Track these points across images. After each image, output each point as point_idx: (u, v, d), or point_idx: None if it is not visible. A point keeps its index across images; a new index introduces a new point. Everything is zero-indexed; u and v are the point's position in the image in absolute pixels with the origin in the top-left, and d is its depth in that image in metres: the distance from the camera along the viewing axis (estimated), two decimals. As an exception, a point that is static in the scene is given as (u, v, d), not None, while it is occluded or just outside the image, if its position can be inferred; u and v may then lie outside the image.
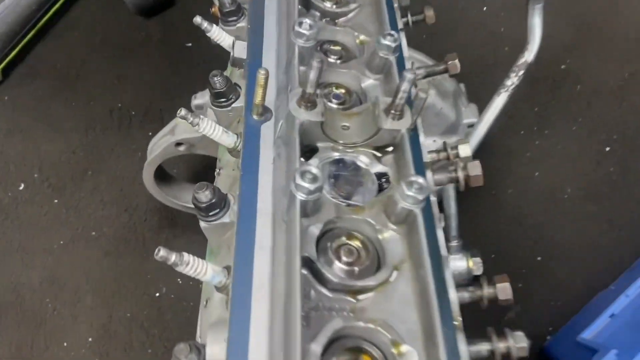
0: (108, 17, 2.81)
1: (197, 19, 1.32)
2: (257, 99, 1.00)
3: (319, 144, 0.96)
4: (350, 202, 0.90)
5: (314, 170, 0.80)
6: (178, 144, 1.98)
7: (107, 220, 2.35)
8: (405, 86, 0.89)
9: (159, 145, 2.03)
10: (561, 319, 2.09)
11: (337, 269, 0.84)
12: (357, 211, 0.89)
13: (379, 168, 0.95)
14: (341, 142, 0.95)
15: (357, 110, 0.99)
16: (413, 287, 0.82)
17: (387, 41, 1.03)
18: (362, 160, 0.95)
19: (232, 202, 1.09)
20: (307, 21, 1.00)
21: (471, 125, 1.95)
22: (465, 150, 1.25)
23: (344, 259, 0.85)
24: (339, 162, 0.94)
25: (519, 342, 0.86)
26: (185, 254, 1.00)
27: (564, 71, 2.55)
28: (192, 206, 1.19)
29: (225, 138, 1.20)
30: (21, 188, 2.43)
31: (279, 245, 0.86)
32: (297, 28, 1.00)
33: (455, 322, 0.89)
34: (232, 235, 1.08)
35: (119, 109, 2.55)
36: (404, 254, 0.85)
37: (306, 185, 0.79)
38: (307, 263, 0.82)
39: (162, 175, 2.17)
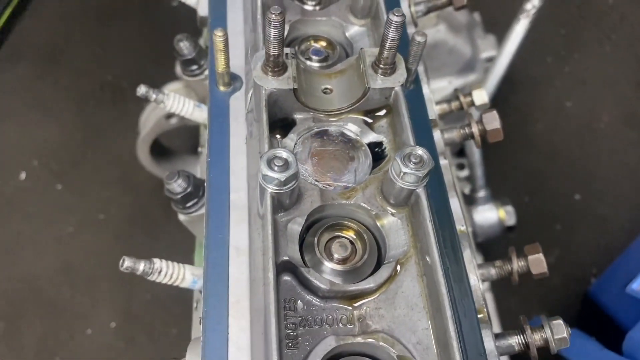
0: (85, -18, 2.62)
1: None
2: (220, 66, 0.82)
3: (297, 115, 0.78)
4: (339, 183, 0.73)
5: (284, 155, 0.63)
6: (169, 116, 1.83)
7: (113, 201, 2.26)
8: (392, 33, 0.70)
9: (150, 120, 1.88)
10: (606, 259, 1.94)
11: (327, 270, 0.68)
12: (348, 194, 0.72)
13: (371, 137, 0.77)
14: (323, 109, 0.77)
15: (338, 68, 0.80)
16: (421, 285, 0.65)
17: (369, -25, 0.83)
18: (351, 129, 0.77)
19: (213, 187, 0.93)
20: (268, -38, 0.81)
21: (490, 60, 1.73)
22: (481, 96, 1.05)
23: (336, 255, 0.69)
24: (322, 134, 0.77)
25: (557, 332, 0.70)
26: (157, 261, 0.86)
27: (591, -18, 2.28)
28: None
29: (198, 114, 1.04)
30: (22, 177, 2.34)
31: (258, 246, 0.70)
32: (256, -28, 0.81)
33: (480, 315, 0.73)
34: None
35: (109, 82, 2.40)
36: (408, 243, 0.68)
37: (276, 175, 0.63)
38: (290, 268, 0.67)
39: (160, 150, 2.03)
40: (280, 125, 0.78)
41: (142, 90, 0.97)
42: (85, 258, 2.19)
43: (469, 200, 1.75)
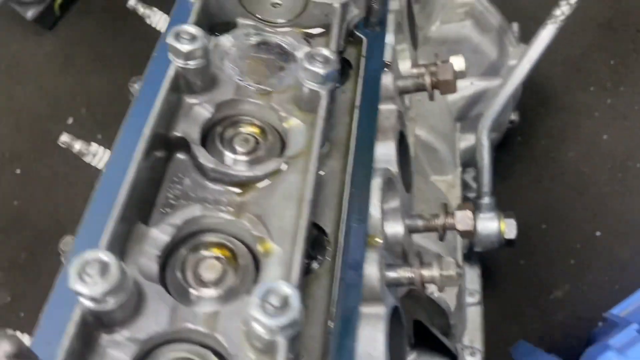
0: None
1: None
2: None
3: (240, 20, 0.81)
4: (258, 86, 0.75)
5: (192, 30, 0.66)
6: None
7: (143, 157, 2.36)
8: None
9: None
10: (617, 304, 1.82)
11: (228, 160, 0.70)
12: (263, 96, 0.74)
13: (305, 50, 0.78)
14: (264, 19, 0.80)
15: (293, -13, 0.83)
16: (302, 182, 0.66)
17: None
18: (287, 42, 0.79)
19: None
20: None
21: (518, 68, 1.69)
22: (459, 64, 1.04)
23: (239, 148, 0.70)
24: (259, 42, 0.79)
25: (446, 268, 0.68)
26: (94, 145, 0.92)
27: (651, 19, 2.18)
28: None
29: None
30: (70, 122, 2.49)
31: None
32: None
33: (378, 239, 0.72)
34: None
35: (163, 48, 2.55)
36: (304, 146, 0.69)
37: (182, 47, 0.66)
38: (186, 148, 0.69)
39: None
40: (225, 29, 0.81)
41: (131, 2, 1.03)
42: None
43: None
